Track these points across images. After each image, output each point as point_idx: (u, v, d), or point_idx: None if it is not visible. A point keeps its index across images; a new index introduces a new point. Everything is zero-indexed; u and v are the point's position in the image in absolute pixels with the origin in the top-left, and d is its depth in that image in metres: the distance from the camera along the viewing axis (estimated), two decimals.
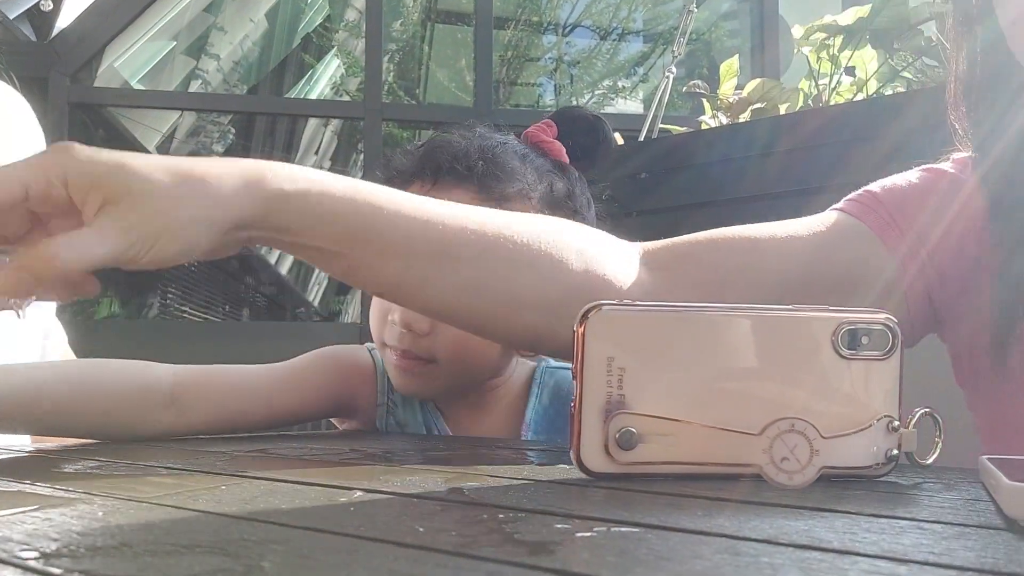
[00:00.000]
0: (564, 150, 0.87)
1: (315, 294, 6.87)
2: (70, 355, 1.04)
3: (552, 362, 0.92)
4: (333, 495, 0.40)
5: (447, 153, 0.80)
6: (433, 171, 0.80)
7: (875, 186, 0.70)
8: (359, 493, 0.41)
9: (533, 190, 0.81)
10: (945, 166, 0.71)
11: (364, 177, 0.76)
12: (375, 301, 0.84)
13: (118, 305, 5.41)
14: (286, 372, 0.81)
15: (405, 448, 0.67)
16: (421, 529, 0.32)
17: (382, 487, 0.43)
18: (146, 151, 5.29)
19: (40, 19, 4.37)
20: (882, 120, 1.27)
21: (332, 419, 0.92)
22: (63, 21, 4.43)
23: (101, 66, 4.57)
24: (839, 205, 0.70)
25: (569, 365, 0.45)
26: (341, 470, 0.53)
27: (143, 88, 5.09)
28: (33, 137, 0.97)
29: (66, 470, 0.53)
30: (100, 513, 0.35)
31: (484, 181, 0.78)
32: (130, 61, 4.87)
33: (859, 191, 0.71)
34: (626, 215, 1.54)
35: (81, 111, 4.45)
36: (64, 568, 0.25)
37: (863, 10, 1.51)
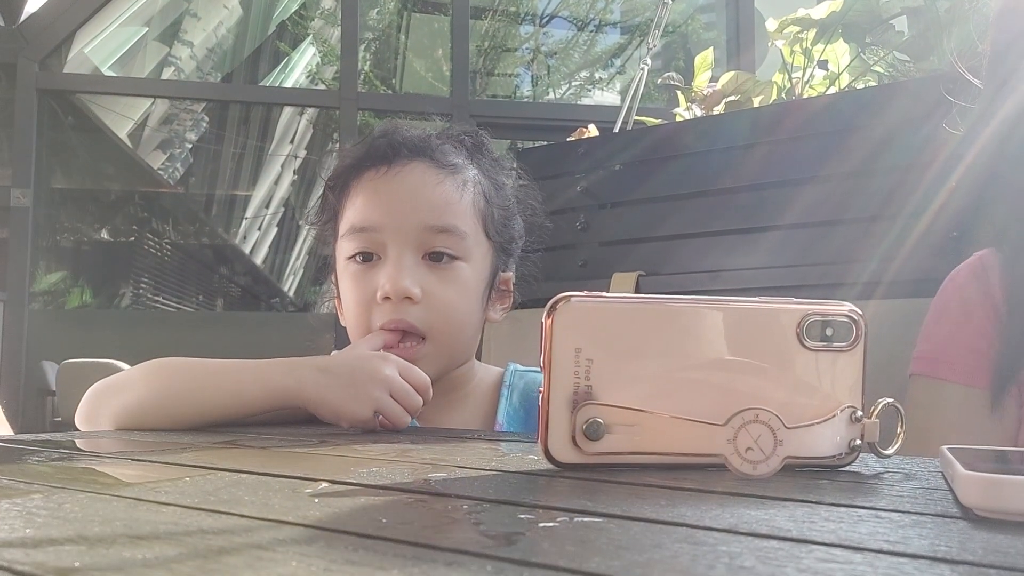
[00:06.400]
0: None
1: (290, 284, 6.83)
2: None
3: (520, 366, 0.93)
4: (298, 486, 0.40)
5: (400, 136, 0.87)
6: (391, 154, 0.86)
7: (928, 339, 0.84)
8: (324, 484, 0.40)
9: (468, 159, 0.89)
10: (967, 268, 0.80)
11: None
12: (352, 293, 0.84)
13: (90, 295, 5.34)
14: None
15: (375, 440, 0.66)
16: (384, 520, 0.32)
17: (348, 478, 0.43)
18: (117, 138, 5.22)
19: (8, 3, 4.28)
20: (854, 114, 1.28)
21: None
22: (32, 6, 4.35)
23: (71, 52, 4.49)
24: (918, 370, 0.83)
25: (538, 368, 0.45)
26: (308, 462, 0.53)
27: (114, 75, 5.01)
28: None
29: (28, 461, 0.52)
30: (58, 504, 0.35)
31: (434, 155, 0.86)
32: (101, 47, 4.80)
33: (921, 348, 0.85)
34: (600, 207, 1.55)
35: (50, 98, 4.37)
36: (15, 559, 0.25)
37: (836, 4, 1.52)
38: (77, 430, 0.80)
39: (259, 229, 6.71)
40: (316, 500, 0.36)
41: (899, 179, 1.20)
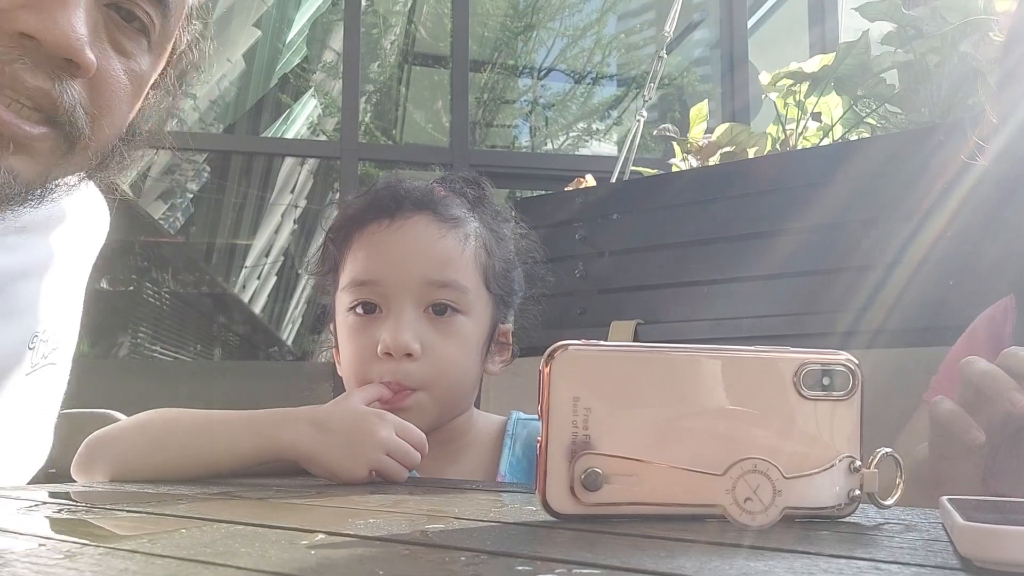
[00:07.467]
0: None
1: (288, 333, 6.82)
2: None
3: (523, 414, 0.92)
4: (294, 538, 0.40)
5: (403, 188, 0.87)
6: (394, 207, 0.86)
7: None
8: (321, 536, 0.40)
9: (470, 211, 0.89)
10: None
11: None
12: (351, 345, 0.84)
13: (87, 344, 5.33)
14: None
15: (372, 491, 0.66)
16: (381, 572, 0.32)
17: (345, 530, 0.42)
18: (119, 189, 5.26)
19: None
20: (847, 164, 1.30)
21: None
22: None
23: None
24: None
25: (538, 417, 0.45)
26: (305, 513, 0.53)
27: None
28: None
29: (23, 513, 0.52)
30: (55, 557, 0.35)
31: (437, 208, 0.86)
32: None
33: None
34: (598, 255, 1.56)
35: None
36: None
37: (828, 58, 1.55)
38: (72, 481, 0.79)
39: (258, 278, 6.72)
40: (313, 552, 0.36)
41: (894, 229, 1.21)
